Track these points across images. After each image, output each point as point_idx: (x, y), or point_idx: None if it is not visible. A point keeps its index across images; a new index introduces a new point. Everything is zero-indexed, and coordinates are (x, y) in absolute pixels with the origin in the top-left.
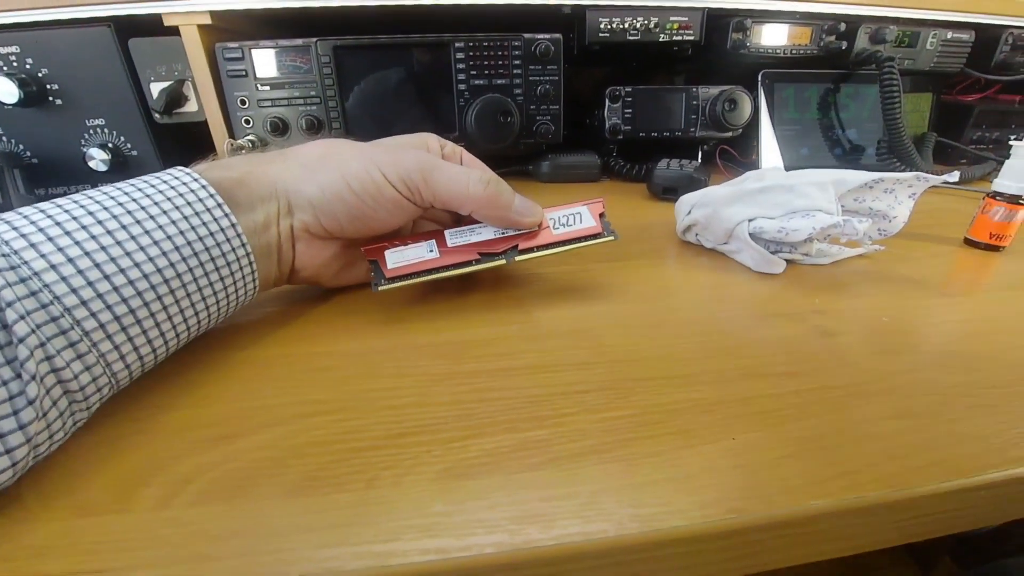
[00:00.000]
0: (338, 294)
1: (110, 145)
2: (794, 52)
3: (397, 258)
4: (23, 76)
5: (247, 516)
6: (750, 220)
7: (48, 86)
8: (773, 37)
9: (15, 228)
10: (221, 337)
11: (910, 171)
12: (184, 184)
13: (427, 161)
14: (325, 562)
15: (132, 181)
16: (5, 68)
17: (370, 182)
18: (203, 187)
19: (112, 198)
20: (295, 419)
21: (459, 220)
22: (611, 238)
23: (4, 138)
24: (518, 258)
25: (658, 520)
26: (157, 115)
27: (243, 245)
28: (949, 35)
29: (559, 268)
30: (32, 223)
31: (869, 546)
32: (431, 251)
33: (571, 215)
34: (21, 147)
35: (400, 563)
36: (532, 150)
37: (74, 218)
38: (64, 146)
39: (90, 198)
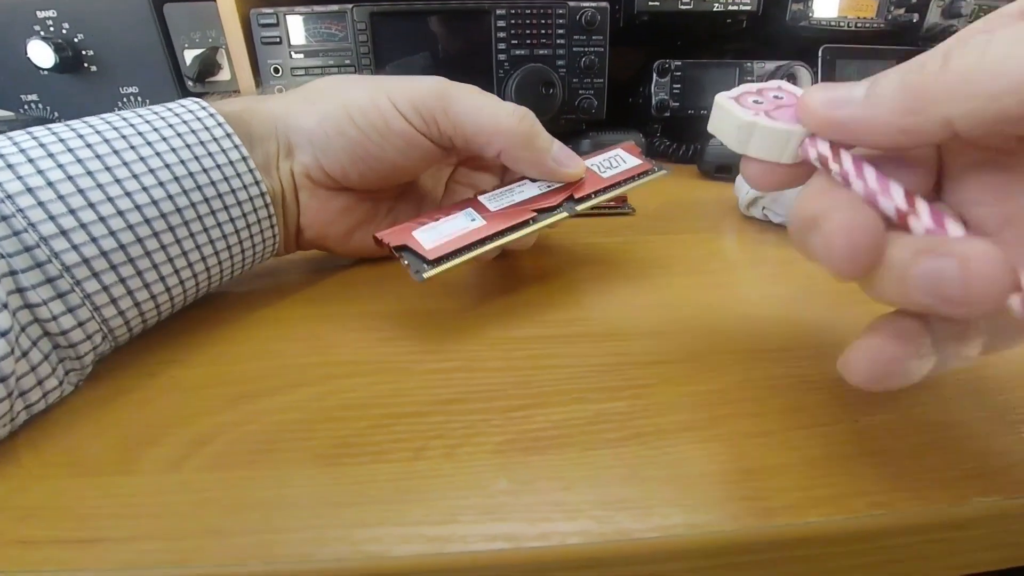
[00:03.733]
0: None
1: None
2: (858, 25)
3: (432, 236)
4: (59, 41)
5: (269, 485)
6: None
7: (84, 52)
8: (836, 8)
9: None
10: (241, 295)
11: None
12: (189, 111)
13: (447, 87)
14: (363, 544)
15: (136, 109)
16: (42, 32)
17: (374, 110)
18: (211, 115)
19: (108, 123)
20: (325, 380)
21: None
22: (663, 172)
23: (39, 104)
24: (579, 207)
25: (781, 514)
26: (190, 83)
27: (257, 182)
28: None
29: (609, 239)
30: (15, 144)
31: None
32: (472, 220)
33: (611, 158)
34: (56, 114)
35: (460, 550)
36: (572, 128)
37: (61, 140)
38: (98, 113)
39: (85, 122)
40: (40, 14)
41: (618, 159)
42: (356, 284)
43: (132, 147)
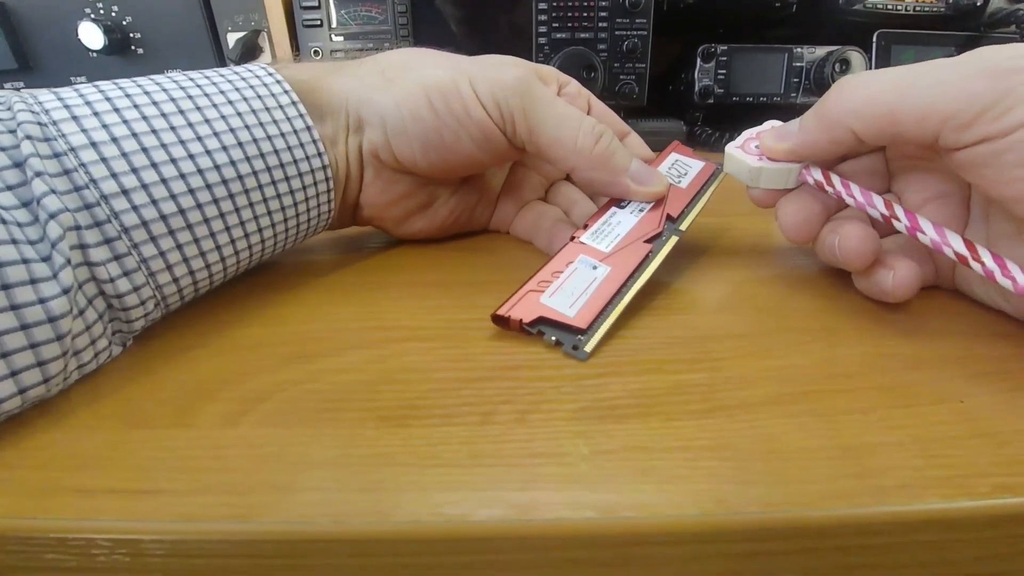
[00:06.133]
0: None
1: None
2: (917, 9)
3: (565, 299)
4: (108, 23)
5: (333, 444)
6: None
7: (131, 35)
8: None
9: (61, 99)
10: (290, 264)
11: None
12: (257, 77)
13: (532, 87)
14: (441, 507)
15: (203, 71)
16: (92, 15)
17: (456, 96)
18: (278, 82)
19: (175, 82)
20: (384, 343)
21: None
22: (725, 171)
23: None
24: (683, 227)
25: (896, 494)
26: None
27: (320, 154)
28: None
29: None
30: (81, 96)
31: None
32: (595, 268)
33: (674, 164)
34: None
35: (545, 519)
36: None
37: (127, 95)
38: None
39: (151, 79)
40: None
41: (682, 164)
42: (402, 256)
43: (198, 108)
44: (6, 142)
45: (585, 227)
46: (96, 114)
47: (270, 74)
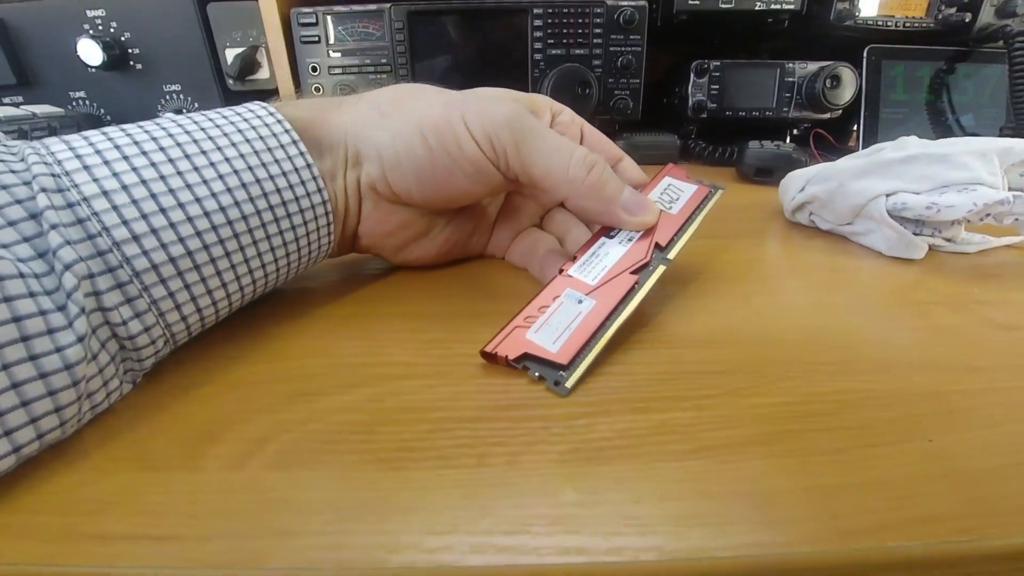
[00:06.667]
0: None
1: (184, 111)
2: (907, 25)
3: (549, 334)
4: (107, 40)
5: (334, 486)
6: (889, 195)
7: (130, 50)
8: (884, 7)
9: (72, 148)
10: (292, 292)
11: None
12: (259, 118)
13: (523, 120)
14: (436, 553)
15: (205, 112)
16: (91, 31)
17: (449, 132)
18: (279, 122)
19: (180, 125)
20: (381, 380)
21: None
22: (721, 191)
23: (87, 100)
24: (670, 255)
25: (860, 537)
26: (231, 81)
27: (320, 190)
28: None
29: None
30: (91, 144)
31: None
32: (580, 302)
33: (666, 190)
34: (102, 110)
35: (533, 563)
36: (606, 128)
37: (135, 143)
38: (141, 110)
39: (156, 124)
40: (90, 13)
41: (674, 189)
42: (400, 284)
43: (203, 152)
44: (22, 194)
45: (574, 259)
46: (106, 163)
47: (271, 114)
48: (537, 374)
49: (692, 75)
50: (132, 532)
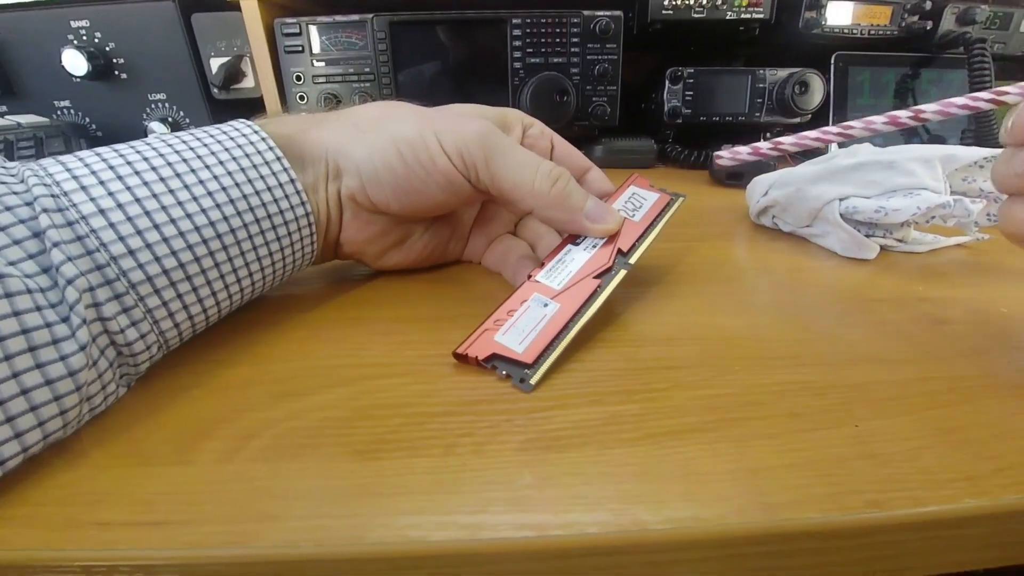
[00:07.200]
0: None
1: (170, 119)
2: (872, 33)
3: (516, 336)
4: (92, 50)
5: (315, 476)
6: (841, 199)
7: (115, 60)
8: (849, 16)
9: (69, 170)
10: (276, 299)
11: None
12: (243, 136)
13: (492, 137)
14: (404, 530)
15: (192, 130)
16: (76, 41)
17: (423, 148)
18: (263, 139)
19: (169, 145)
20: (359, 380)
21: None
22: (682, 199)
23: (72, 110)
24: (632, 260)
25: (785, 509)
26: (215, 90)
27: (303, 203)
28: None
29: None
30: (86, 165)
31: None
32: (545, 305)
33: (631, 199)
34: (87, 119)
35: (491, 537)
36: (585, 134)
37: (128, 163)
38: (127, 119)
39: (147, 144)
40: (74, 24)
41: (638, 198)
42: (379, 289)
43: (192, 170)
44: (25, 214)
45: (542, 265)
46: (102, 183)
47: (255, 131)
48: (504, 372)
49: (667, 82)
50: (129, 519)
